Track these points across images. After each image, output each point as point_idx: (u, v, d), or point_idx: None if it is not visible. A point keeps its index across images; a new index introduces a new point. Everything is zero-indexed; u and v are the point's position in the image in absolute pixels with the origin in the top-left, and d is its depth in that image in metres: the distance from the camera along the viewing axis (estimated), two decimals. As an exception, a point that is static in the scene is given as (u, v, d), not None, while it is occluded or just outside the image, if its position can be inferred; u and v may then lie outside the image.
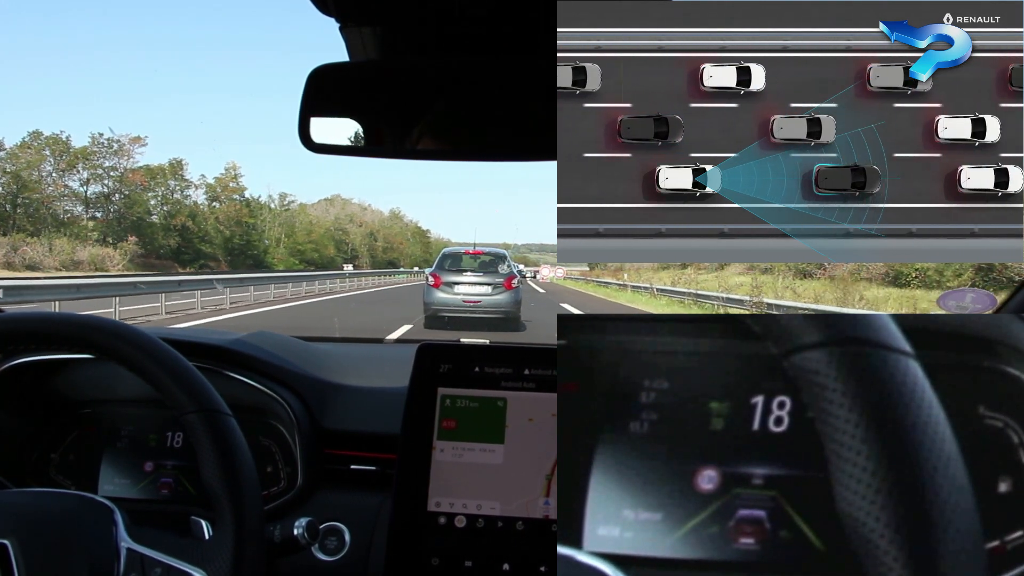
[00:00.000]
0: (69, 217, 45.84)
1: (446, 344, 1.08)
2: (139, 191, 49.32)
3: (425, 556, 0.99)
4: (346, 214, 76.13)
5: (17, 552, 0.75)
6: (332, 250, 65.44)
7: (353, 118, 1.02)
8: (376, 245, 76.99)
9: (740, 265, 27.49)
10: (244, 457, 0.83)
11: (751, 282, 23.20)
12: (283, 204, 64.47)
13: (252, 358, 1.20)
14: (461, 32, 1.02)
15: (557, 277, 47.56)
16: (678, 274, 34.15)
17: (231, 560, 0.78)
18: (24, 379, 1.20)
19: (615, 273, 40.71)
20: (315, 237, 64.18)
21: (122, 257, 39.81)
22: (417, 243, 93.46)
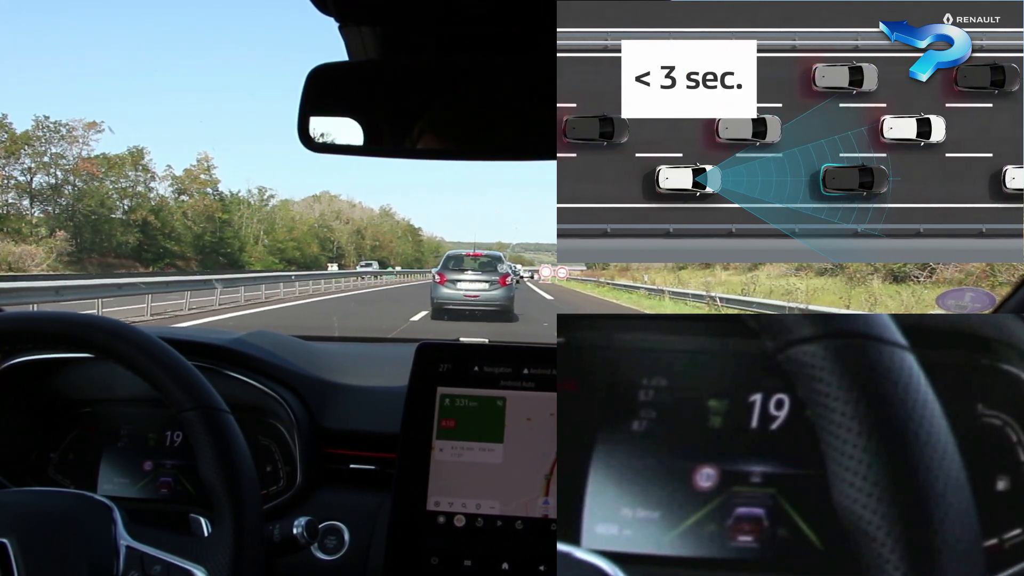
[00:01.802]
0: (11, 212, 40.29)
1: (445, 343, 1.08)
2: (93, 181, 43.36)
3: (424, 555, 0.99)
4: (332, 210, 72.03)
5: (17, 551, 0.75)
6: (316, 248, 61.51)
7: (352, 118, 1.02)
8: (363, 243, 72.78)
9: (775, 265, 24.33)
10: (242, 454, 0.83)
11: (804, 287, 20.29)
12: (262, 199, 59.59)
13: (251, 357, 1.21)
14: (460, 32, 1.03)
15: (559, 278, 42.53)
16: (696, 275, 29.97)
17: (230, 556, 0.78)
18: (23, 378, 1.20)
19: (622, 273, 36.85)
20: (297, 235, 59.94)
21: (46, 255, 33.62)
22: (408, 241, 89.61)
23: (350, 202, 78.51)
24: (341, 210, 73.52)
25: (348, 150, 1.01)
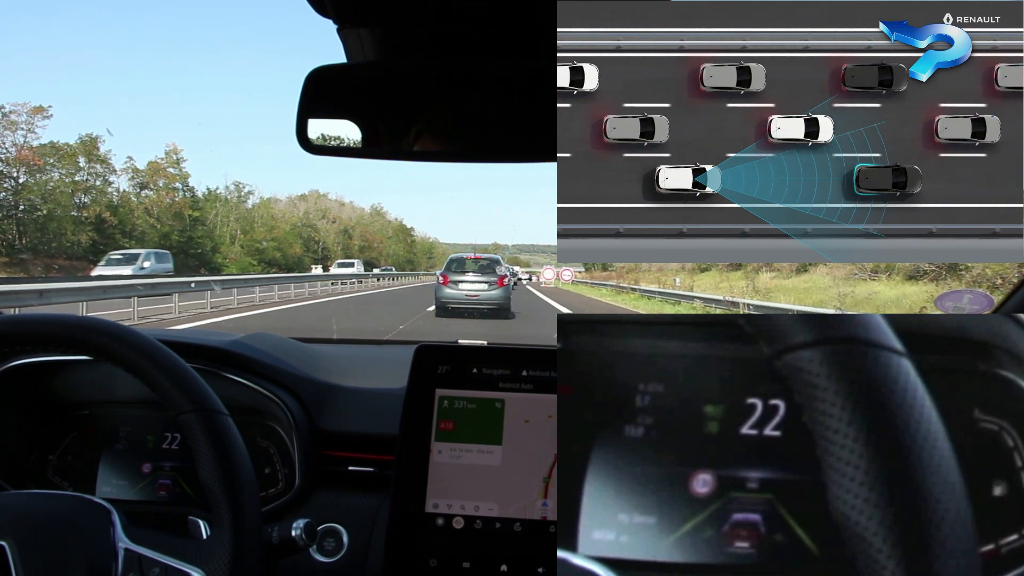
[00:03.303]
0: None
1: (444, 345, 1.08)
2: (38, 174, 37.64)
3: (423, 557, 0.99)
4: (319, 209, 67.07)
5: (15, 553, 0.75)
6: (299, 249, 56.41)
7: (351, 120, 1.02)
8: (351, 243, 67.54)
9: (836, 267, 20.96)
10: (241, 456, 0.83)
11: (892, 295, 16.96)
12: (239, 195, 53.87)
13: (250, 360, 1.21)
14: (459, 33, 1.02)
15: (563, 280, 38.51)
16: (723, 277, 26.00)
17: (229, 558, 0.79)
18: (22, 381, 1.20)
19: (628, 275, 33.16)
20: (279, 234, 54.61)
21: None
22: (399, 241, 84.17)
23: (339, 201, 74.72)
24: (328, 209, 69.52)
25: (347, 152, 1.01)
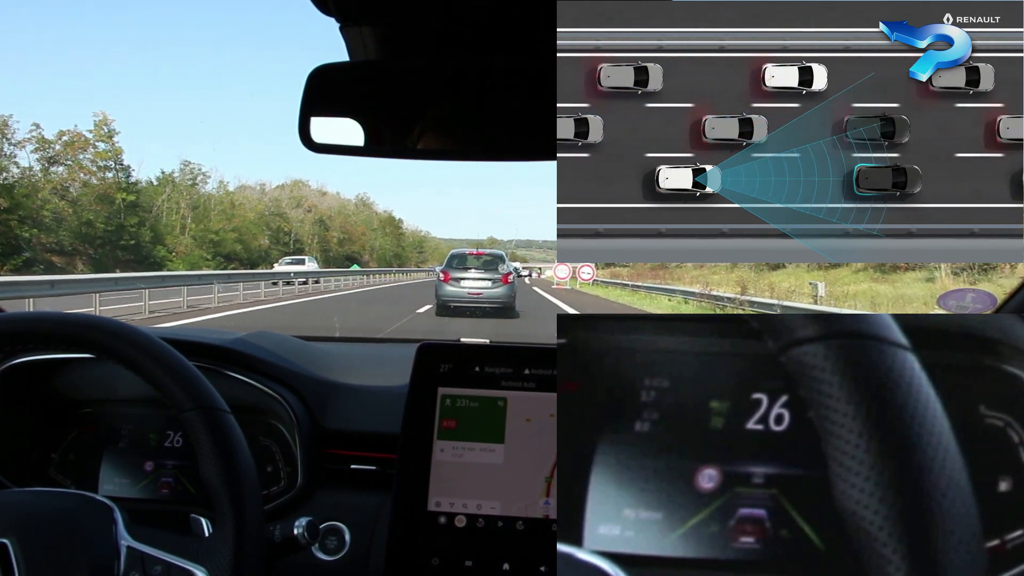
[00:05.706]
0: None
1: (446, 344, 1.08)
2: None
3: (425, 556, 0.99)
4: (293, 197, 57.35)
5: (17, 551, 0.75)
6: (266, 241, 48.11)
7: (353, 118, 1.02)
8: (329, 235, 58.61)
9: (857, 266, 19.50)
10: (243, 454, 0.83)
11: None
12: (193, 177, 44.85)
13: (252, 358, 1.20)
14: (461, 32, 1.02)
15: (583, 280, 30.27)
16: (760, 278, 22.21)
17: (231, 557, 0.78)
18: (24, 379, 1.20)
19: (655, 274, 28.40)
20: (239, 223, 45.49)
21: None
22: (386, 234, 73.84)
23: (320, 190, 65.39)
24: (304, 197, 59.77)
25: (349, 150, 1.01)
